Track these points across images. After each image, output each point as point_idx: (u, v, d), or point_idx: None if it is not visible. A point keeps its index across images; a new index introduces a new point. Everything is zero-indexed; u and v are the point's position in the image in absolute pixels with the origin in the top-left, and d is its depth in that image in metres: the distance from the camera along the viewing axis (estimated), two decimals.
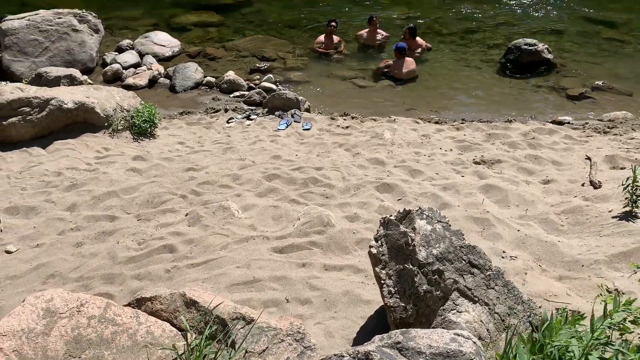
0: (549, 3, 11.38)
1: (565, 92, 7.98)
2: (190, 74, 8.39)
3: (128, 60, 8.82)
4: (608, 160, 5.32)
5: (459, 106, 7.85)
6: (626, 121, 6.89)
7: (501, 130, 6.49)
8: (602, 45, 9.45)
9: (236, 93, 8.18)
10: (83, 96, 6.12)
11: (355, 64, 9.19)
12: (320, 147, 6.12)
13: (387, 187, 4.72)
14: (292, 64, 9.14)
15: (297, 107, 7.43)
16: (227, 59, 9.36)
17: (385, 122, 7.04)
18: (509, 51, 8.80)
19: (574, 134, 6.38)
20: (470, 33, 10.05)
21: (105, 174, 5.13)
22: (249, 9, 11.44)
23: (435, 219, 2.72)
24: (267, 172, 5.10)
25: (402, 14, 11.01)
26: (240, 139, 6.46)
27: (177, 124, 7.05)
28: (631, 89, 7.98)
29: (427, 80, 8.58)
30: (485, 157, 5.50)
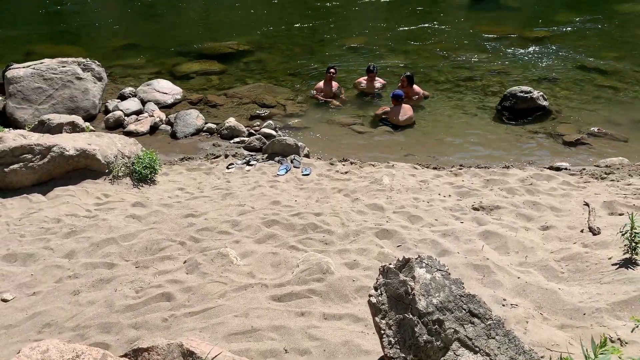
0: (542, 52, 11.67)
1: (561, 138, 8.08)
2: (191, 120, 8.51)
3: (130, 108, 8.97)
4: (606, 207, 5.33)
5: (457, 152, 7.93)
6: (623, 167, 6.95)
7: (499, 176, 6.53)
8: (596, 92, 9.63)
9: (236, 139, 8.28)
10: (85, 143, 6.19)
11: (353, 110, 9.34)
12: (320, 192, 6.15)
13: (386, 233, 4.72)
14: (291, 110, 9.29)
15: (297, 153, 7.50)
16: (228, 106, 9.52)
17: (384, 167, 7.10)
18: (505, 98, 8.96)
19: (572, 179, 6.42)
20: (466, 81, 10.26)
21: (104, 221, 5.13)
22: (251, 58, 11.71)
23: (434, 267, 2.71)
24: (266, 218, 5.11)
25: (399, 62, 11.25)
26: (239, 185, 6.49)
27: (177, 170, 7.10)
28: (626, 135, 8.09)
29: (424, 127, 8.70)
30: (484, 203, 5.52)
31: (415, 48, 12.05)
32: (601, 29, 13.20)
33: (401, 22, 13.94)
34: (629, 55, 11.31)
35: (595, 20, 14.03)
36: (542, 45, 12.11)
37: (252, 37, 12.99)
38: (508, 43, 12.30)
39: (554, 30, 13.09)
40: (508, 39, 12.59)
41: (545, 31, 12.96)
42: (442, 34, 13.07)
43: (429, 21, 14.09)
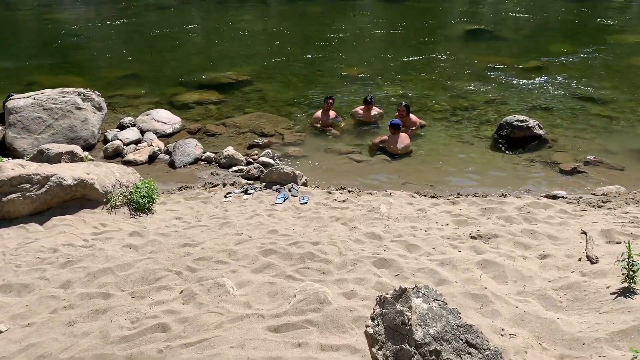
0: (537, 81, 11.82)
1: (557, 166, 8.13)
2: (190, 149, 8.56)
3: (129, 137, 9.02)
4: (604, 235, 5.32)
5: (454, 180, 7.96)
6: (619, 195, 6.97)
7: (496, 204, 6.54)
8: (591, 121, 9.73)
9: (235, 168, 8.31)
10: (83, 173, 6.21)
11: (351, 139, 9.40)
12: (317, 221, 6.14)
13: (384, 262, 4.70)
14: (290, 139, 9.36)
15: (295, 181, 7.52)
16: (226, 135, 9.58)
17: (382, 196, 7.11)
18: (501, 127, 9.04)
19: (569, 208, 6.43)
20: (463, 110, 10.37)
21: (101, 250, 5.11)
22: (249, 88, 11.85)
23: (431, 297, 2.70)
24: (263, 247, 5.09)
25: (396, 92, 11.38)
26: (237, 214, 6.49)
27: (175, 199, 7.10)
28: (622, 164, 8.14)
29: (421, 155, 8.76)
30: (482, 232, 5.52)
31: (411, 78, 12.21)
32: (595, 59, 13.40)
33: (398, 53, 14.16)
34: (623, 85, 11.47)
35: (589, 50, 14.26)
36: (537, 74, 12.28)
37: (251, 67, 13.17)
38: (503, 73, 12.47)
39: (548, 60, 13.29)
40: (503, 68, 12.77)
41: (539, 61, 13.16)
42: (438, 64, 13.25)
43: (425, 52, 14.31)
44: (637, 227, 5.56)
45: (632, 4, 21.06)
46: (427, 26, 17.10)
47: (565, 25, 17.18)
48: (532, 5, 21.10)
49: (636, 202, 6.64)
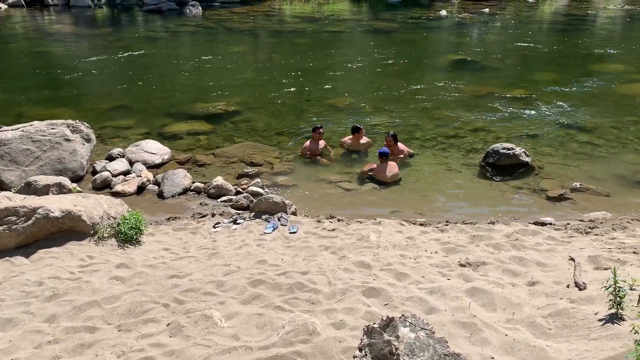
0: (523, 109, 12.01)
1: (545, 193, 8.21)
2: (179, 180, 8.56)
3: (118, 168, 9.01)
4: (591, 261, 5.36)
5: (443, 208, 8.00)
6: (606, 221, 7.04)
7: (485, 231, 6.57)
8: (577, 148, 9.87)
9: (224, 198, 8.30)
10: (70, 204, 6.18)
11: (340, 168, 9.45)
12: (307, 250, 6.13)
13: (373, 291, 4.68)
14: (279, 168, 9.38)
15: (284, 211, 7.52)
16: (216, 165, 9.59)
17: (371, 224, 7.12)
18: (488, 155, 9.14)
19: (557, 234, 6.47)
20: (450, 138, 10.48)
21: (87, 283, 5.06)
22: (239, 118, 11.92)
23: (418, 326, 2.70)
24: (252, 278, 5.06)
25: (384, 121, 11.50)
26: (226, 244, 6.46)
27: (163, 230, 7.06)
28: (608, 190, 8.24)
29: (410, 183, 8.81)
30: (470, 260, 5.53)
31: (399, 107, 12.36)
32: (579, 88, 13.67)
33: (386, 83, 14.36)
34: (607, 112, 11.68)
35: (573, 79, 14.55)
36: (523, 103, 12.49)
37: (241, 98, 13.27)
38: (489, 101, 12.67)
39: (533, 89, 13.54)
40: (489, 97, 12.98)
41: (525, 90, 13.39)
42: (426, 93, 13.45)
43: (413, 82, 14.53)
44: (623, 252, 5.60)
45: (613, 34, 21.61)
46: (414, 56, 17.39)
47: (550, 54, 17.55)
48: (516, 35, 21.58)
49: (622, 228, 6.71)
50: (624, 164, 9.20)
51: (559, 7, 27.82)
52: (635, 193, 8.26)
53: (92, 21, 24.30)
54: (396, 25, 22.64)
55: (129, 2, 27.20)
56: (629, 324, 3.53)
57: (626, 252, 5.58)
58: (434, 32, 22.23)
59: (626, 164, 9.19)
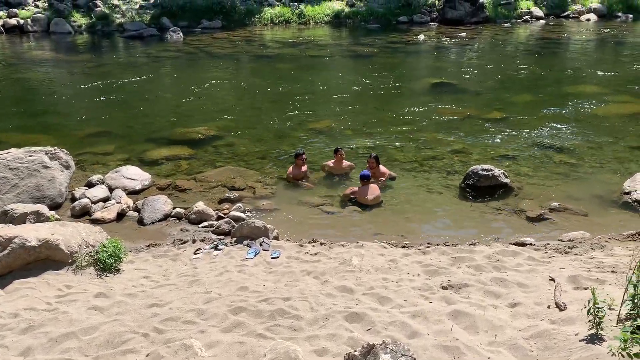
0: (501, 131, 12.20)
1: (524, 214, 8.30)
2: (159, 206, 8.48)
3: (97, 195, 8.90)
4: (571, 281, 5.41)
5: (424, 230, 8.05)
6: (585, 241, 7.13)
7: (466, 253, 6.61)
8: (554, 168, 10.04)
9: (205, 223, 8.24)
10: (48, 233, 6.08)
11: (322, 191, 9.47)
12: (289, 275, 6.09)
13: (356, 316, 4.66)
14: (261, 192, 9.37)
15: (266, 235, 7.48)
16: (197, 190, 9.54)
17: (353, 247, 7.12)
18: (468, 176, 9.25)
19: (537, 255, 6.53)
20: (430, 160, 10.59)
21: (65, 314, 4.95)
22: (220, 142, 11.90)
23: (399, 352, 2.69)
24: (233, 305, 5.00)
25: (365, 144, 11.58)
26: (207, 271, 6.40)
27: (143, 258, 6.97)
28: (586, 209, 8.37)
29: (392, 206, 8.85)
30: (452, 282, 5.54)
31: (380, 130, 12.47)
32: (555, 109, 13.95)
33: (366, 107, 14.51)
34: (583, 133, 11.93)
35: (548, 101, 14.86)
36: (501, 125, 12.70)
37: (222, 122, 13.28)
38: (468, 124, 12.86)
39: (511, 111, 13.78)
40: (468, 119, 13.17)
41: (503, 112, 13.62)
42: (405, 116, 13.60)
43: (393, 105, 14.71)
44: (602, 272, 5.67)
45: (587, 57, 22.19)
46: (393, 80, 17.63)
47: (526, 77, 17.93)
48: (493, 59, 22.04)
49: (601, 247, 6.80)
50: (601, 184, 9.37)
51: (534, 31, 28.53)
52: (612, 212, 8.40)
53: (72, 47, 24.24)
54: (376, 50, 22.98)
55: (109, 28, 27.21)
56: (608, 344, 3.55)
57: (605, 272, 5.65)
58: (413, 56, 22.61)
59: (603, 184, 9.36)
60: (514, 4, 31.75)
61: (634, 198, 8.48)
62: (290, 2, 31.07)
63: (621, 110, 13.58)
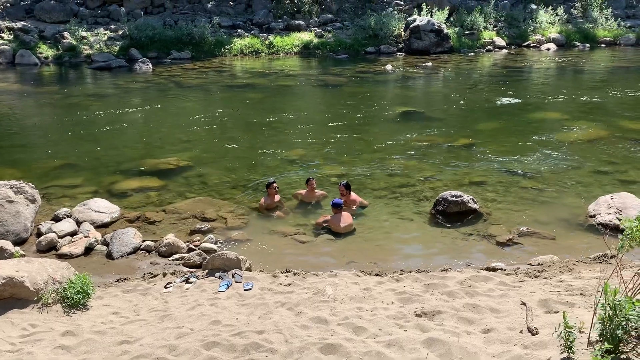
0: (468, 157, 12.46)
1: (494, 239, 8.45)
2: (128, 239, 8.33)
3: (64, 229, 8.70)
4: (542, 305, 5.49)
5: (397, 257, 8.10)
6: (554, 264, 7.28)
7: (439, 279, 6.66)
8: (521, 193, 10.27)
9: (175, 256, 8.11)
10: (12, 270, 5.88)
11: (295, 220, 9.47)
12: (262, 307, 6.02)
13: (331, 348, 4.62)
14: (232, 223, 9.30)
15: (238, 267, 7.40)
16: (167, 222, 9.42)
17: (327, 276, 7.10)
18: (438, 203, 9.38)
19: (508, 279, 6.63)
20: (400, 187, 10.71)
21: (29, 354, 4.77)
22: (191, 173, 11.81)
23: None
24: (205, 340, 4.91)
25: (336, 172, 11.66)
26: (178, 305, 6.27)
27: (112, 293, 6.80)
28: (553, 233, 8.57)
29: (364, 233, 8.89)
30: (426, 309, 5.56)
31: (351, 159, 12.59)
32: (519, 135, 14.35)
33: (337, 135, 14.64)
34: (546, 158, 12.27)
35: (514, 127, 15.29)
36: (468, 151, 12.97)
37: (193, 153, 13.21)
38: (436, 150, 13.10)
39: (477, 138, 14.10)
40: (436, 146, 13.42)
41: (469, 139, 13.92)
42: (375, 144, 13.78)
43: (363, 133, 14.90)
44: (572, 295, 5.78)
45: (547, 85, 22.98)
46: (362, 109, 17.89)
47: (490, 105, 18.41)
48: (458, 87, 22.62)
49: (569, 270, 6.94)
50: (566, 208, 9.62)
51: (497, 60, 29.45)
52: (578, 235, 8.62)
53: (39, 79, 23.89)
54: (345, 79, 23.33)
55: (77, 60, 26.93)
56: None
57: (574, 295, 5.76)
58: (381, 85, 23.03)
59: (568, 208, 9.61)
60: (477, 34, 32.77)
61: (598, 221, 8.73)
62: (259, 33, 31.40)
63: (582, 136, 14.05)
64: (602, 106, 18.08)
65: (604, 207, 8.94)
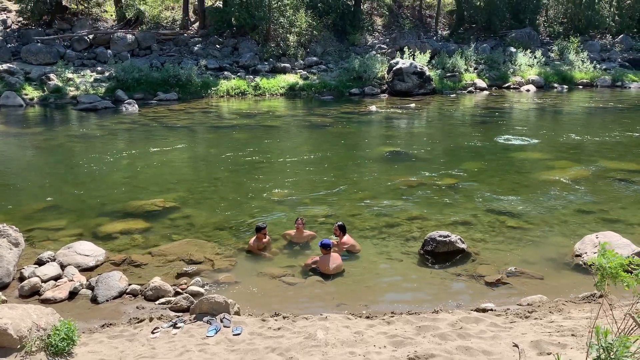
0: (455, 197, 12.58)
1: (483, 279, 8.46)
2: (114, 283, 8.18)
3: (48, 273, 8.52)
4: (534, 346, 5.49)
5: (387, 299, 8.06)
6: (543, 304, 7.30)
7: (430, 321, 6.62)
8: (508, 233, 10.36)
9: (162, 300, 7.96)
10: None
11: (283, 261, 9.39)
12: (252, 353, 5.91)
13: None
14: (220, 265, 9.20)
15: (227, 311, 7.28)
16: (153, 265, 9.28)
17: (318, 320, 7.01)
18: (426, 243, 9.41)
19: (499, 320, 6.62)
20: (388, 227, 10.74)
21: None
22: (177, 214, 11.73)
23: None
24: None
25: (324, 212, 11.67)
26: (165, 351, 6.13)
27: (97, 339, 6.63)
28: (541, 273, 8.62)
29: (353, 274, 8.85)
30: (419, 353, 5.51)
31: (337, 198, 12.64)
32: (503, 175, 14.57)
33: (324, 175, 14.73)
34: (531, 198, 12.44)
35: (497, 167, 15.54)
36: (453, 191, 13.11)
37: (179, 194, 13.15)
38: (422, 190, 13.21)
39: (462, 177, 14.29)
40: (422, 186, 13.54)
41: (454, 179, 14.10)
42: (362, 184, 13.88)
43: (349, 173, 15.02)
44: (563, 336, 5.79)
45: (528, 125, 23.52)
46: (348, 149, 18.09)
47: (473, 145, 18.75)
48: (442, 128, 23.04)
49: (559, 311, 6.96)
50: (553, 247, 9.70)
51: (478, 101, 30.14)
52: (566, 275, 8.68)
53: (23, 120, 23.81)
54: (330, 120, 23.63)
55: (62, 101, 26.97)
56: None
57: (565, 335, 5.77)
58: (366, 125, 23.36)
59: (554, 247, 9.70)
60: (459, 76, 33.61)
61: (585, 260, 8.80)
62: (246, 75, 31.85)
63: (563, 175, 14.30)
64: (583, 146, 18.51)
65: (590, 246, 9.04)
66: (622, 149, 17.80)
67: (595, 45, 40.34)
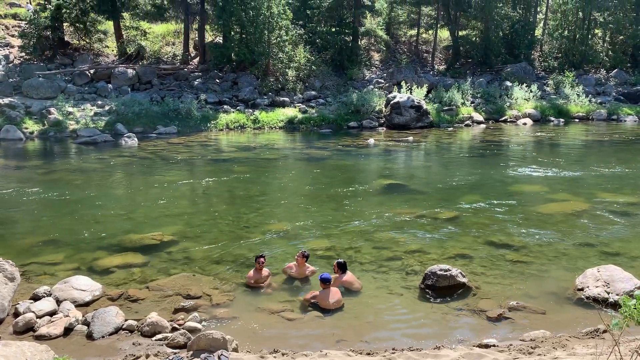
0: (454, 230, 12.54)
1: (484, 314, 8.35)
2: (110, 318, 8.06)
3: (43, 309, 8.39)
4: None
5: (388, 334, 7.93)
6: (546, 340, 7.18)
7: (431, 358, 6.51)
8: (508, 266, 10.28)
9: (159, 336, 7.83)
10: None
11: (282, 296, 9.28)
12: None
13: None
14: (218, 300, 9.08)
15: (225, 347, 7.15)
16: (150, 300, 9.16)
17: (317, 357, 6.89)
18: (427, 277, 9.32)
19: (501, 357, 6.50)
20: (388, 261, 10.67)
21: None
22: (175, 248, 11.64)
23: None
24: None
25: (323, 246, 11.60)
26: None
27: None
28: (543, 307, 8.51)
29: (353, 309, 8.73)
30: None
31: (336, 232, 12.58)
32: (502, 208, 14.55)
33: (322, 208, 14.71)
34: (530, 231, 12.40)
35: (496, 200, 15.53)
36: (452, 224, 13.07)
37: (177, 227, 13.08)
38: (421, 223, 13.17)
39: (461, 210, 14.27)
40: (421, 219, 13.51)
41: (453, 211, 14.07)
42: (361, 217, 13.83)
43: (347, 206, 14.98)
44: None
45: (525, 158, 23.64)
46: (347, 182, 18.11)
47: (472, 178, 18.80)
48: (440, 160, 23.15)
49: (562, 346, 6.85)
50: (554, 280, 9.62)
51: (476, 134, 30.38)
52: (568, 309, 8.57)
53: (23, 153, 23.88)
54: (328, 153, 23.75)
55: (62, 134, 27.13)
56: None
57: None
58: (364, 158, 23.45)
59: (556, 280, 9.62)
60: (456, 110, 33.97)
61: (587, 294, 8.72)
62: (245, 109, 32.15)
63: (563, 208, 14.29)
64: (580, 179, 18.57)
65: (592, 280, 8.96)
66: (620, 182, 17.86)
67: (590, 80, 40.96)
